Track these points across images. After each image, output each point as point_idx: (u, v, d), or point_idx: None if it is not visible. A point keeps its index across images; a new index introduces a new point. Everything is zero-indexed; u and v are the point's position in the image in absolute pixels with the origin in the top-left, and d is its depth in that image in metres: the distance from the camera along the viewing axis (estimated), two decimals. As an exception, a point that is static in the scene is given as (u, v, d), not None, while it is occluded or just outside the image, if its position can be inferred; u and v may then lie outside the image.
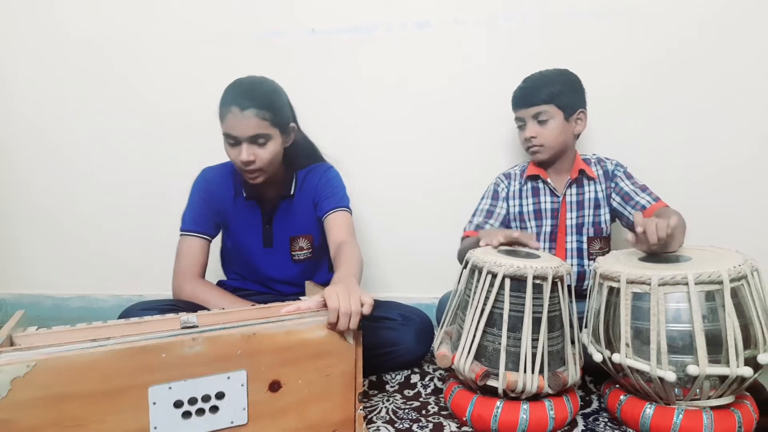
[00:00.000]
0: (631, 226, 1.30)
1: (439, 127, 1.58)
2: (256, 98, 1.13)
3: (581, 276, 1.32)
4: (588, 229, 1.33)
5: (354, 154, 1.52)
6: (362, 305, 0.88)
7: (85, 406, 0.73)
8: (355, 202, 1.35)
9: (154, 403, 0.76)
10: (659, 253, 1.05)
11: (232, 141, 1.15)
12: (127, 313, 1.14)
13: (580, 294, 1.30)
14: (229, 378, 0.81)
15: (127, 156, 1.70)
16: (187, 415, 0.79)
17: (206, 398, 0.80)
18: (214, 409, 0.80)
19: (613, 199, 1.32)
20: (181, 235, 1.28)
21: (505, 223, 1.38)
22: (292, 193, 1.29)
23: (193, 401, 0.79)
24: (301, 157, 1.32)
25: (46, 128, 1.71)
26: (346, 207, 1.28)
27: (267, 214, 1.30)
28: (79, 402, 0.73)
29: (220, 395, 0.80)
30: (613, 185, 1.33)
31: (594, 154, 1.40)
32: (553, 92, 1.29)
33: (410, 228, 1.63)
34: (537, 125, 1.30)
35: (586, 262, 1.32)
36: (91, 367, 0.73)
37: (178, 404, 0.78)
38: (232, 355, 0.81)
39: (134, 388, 0.76)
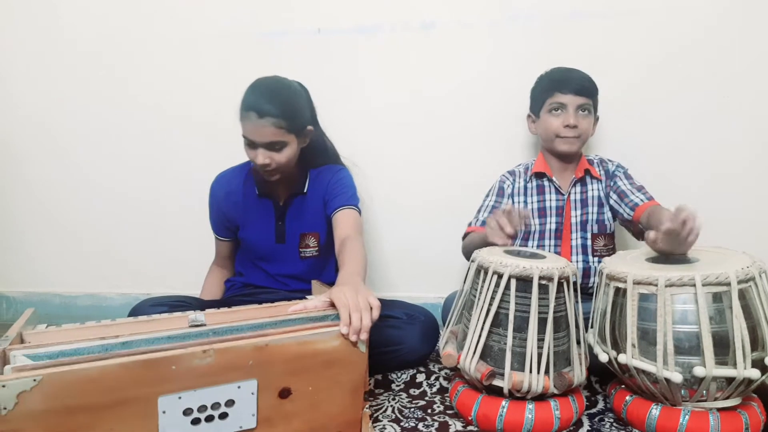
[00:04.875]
0: (626, 223, 1.33)
1: (443, 128, 1.58)
2: (275, 105, 1.15)
3: (586, 273, 1.33)
4: (592, 226, 1.34)
5: (358, 154, 1.51)
6: (370, 308, 0.88)
7: (93, 417, 0.72)
8: (361, 203, 1.36)
9: (164, 412, 0.75)
10: (668, 254, 1.04)
11: (249, 143, 1.20)
12: (137, 309, 1.17)
13: (585, 291, 1.30)
14: (239, 387, 0.80)
15: (131, 156, 1.71)
16: (196, 421, 0.78)
17: (216, 406, 0.79)
18: (224, 415, 0.80)
19: (611, 197, 1.34)
20: None
21: None
22: (305, 191, 1.31)
23: (202, 409, 0.78)
24: (315, 156, 1.34)
25: (51, 129, 1.72)
26: (355, 206, 1.29)
27: (279, 210, 1.32)
28: (87, 413, 0.71)
29: (229, 403, 0.79)
30: (612, 183, 1.34)
31: (597, 155, 1.41)
32: (595, 90, 1.32)
33: (416, 228, 1.63)
34: (580, 114, 1.30)
35: (590, 258, 1.33)
36: (100, 381, 0.71)
37: (187, 412, 0.77)
38: (244, 365, 0.79)
39: (143, 399, 0.74)
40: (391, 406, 1.10)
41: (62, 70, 1.69)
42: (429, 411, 1.08)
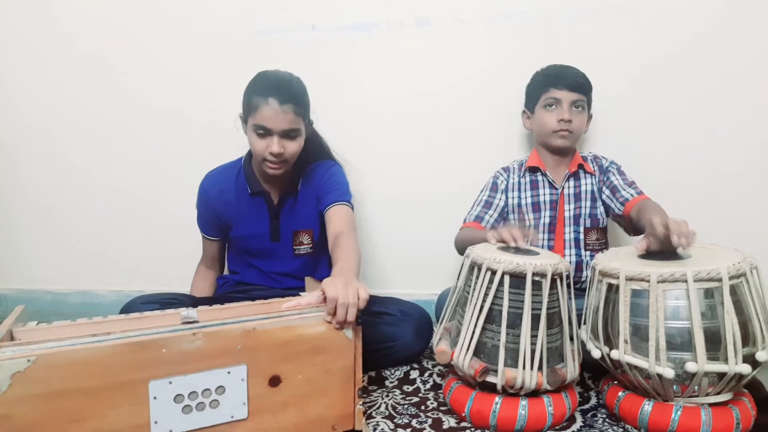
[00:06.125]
0: (617, 218, 1.35)
1: (438, 126, 1.58)
2: (293, 93, 1.18)
3: (578, 266, 1.34)
4: (585, 220, 1.35)
5: (353, 152, 1.51)
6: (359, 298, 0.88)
7: (86, 401, 0.73)
8: (355, 200, 1.35)
9: (155, 398, 0.77)
10: (662, 250, 1.04)
11: (263, 132, 1.17)
12: (128, 307, 1.17)
13: (577, 285, 1.32)
14: (229, 373, 0.81)
15: (125, 154, 1.69)
16: (187, 409, 0.79)
17: (206, 393, 0.80)
18: (215, 403, 0.81)
19: (604, 192, 1.35)
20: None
21: (503, 215, 1.40)
22: (298, 188, 1.31)
23: (193, 396, 0.79)
24: (310, 153, 1.33)
25: (45, 126, 1.70)
26: (348, 201, 1.28)
27: (274, 209, 1.31)
28: (80, 397, 0.73)
29: (220, 390, 0.81)
30: (605, 179, 1.36)
31: (590, 152, 1.43)
32: (589, 87, 1.34)
33: (410, 225, 1.63)
34: (573, 110, 1.32)
35: (583, 252, 1.34)
36: (92, 363, 0.73)
37: (178, 399, 0.78)
38: (233, 350, 0.81)
39: (135, 383, 0.76)
40: (385, 402, 1.10)
41: (60, 69, 1.66)
42: (422, 407, 1.08)
